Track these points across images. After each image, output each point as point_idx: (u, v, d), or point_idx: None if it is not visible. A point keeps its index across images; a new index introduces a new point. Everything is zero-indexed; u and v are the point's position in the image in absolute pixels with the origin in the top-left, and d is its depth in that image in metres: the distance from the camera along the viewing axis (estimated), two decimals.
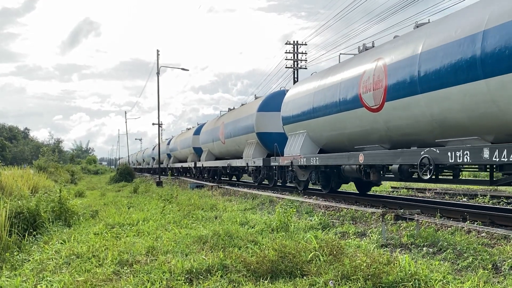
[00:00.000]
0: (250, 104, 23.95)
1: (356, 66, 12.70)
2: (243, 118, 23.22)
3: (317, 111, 14.64)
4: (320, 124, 14.55)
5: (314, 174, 15.59)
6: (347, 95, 12.66)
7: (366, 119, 11.87)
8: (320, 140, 15.15)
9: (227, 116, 27.25)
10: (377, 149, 12.01)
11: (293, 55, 40.73)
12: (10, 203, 9.98)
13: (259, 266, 5.46)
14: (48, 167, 31.52)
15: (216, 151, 28.90)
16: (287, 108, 17.37)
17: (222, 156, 28.27)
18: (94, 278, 5.42)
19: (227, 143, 25.95)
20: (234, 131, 24.50)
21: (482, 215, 9.35)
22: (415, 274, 4.93)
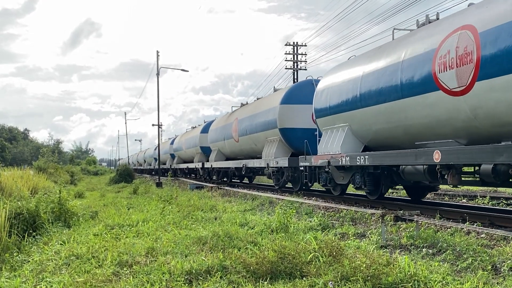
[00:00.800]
0: (270, 97, 21.06)
1: (425, 38, 10.22)
2: (262, 113, 20.46)
3: (365, 99, 12.11)
4: (369, 115, 12.03)
5: (358, 177, 12.99)
6: (414, 76, 10.18)
7: (442, 105, 9.46)
8: (366, 135, 12.69)
9: (241, 111, 24.56)
10: (451, 144, 9.62)
11: (293, 56, 40.75)
12: (10, 204, 9.99)
13: (258, 267, 5.46)
14: (47, 168, 31.51)
15: (228, 150, 26.37)
16: (322, 98, 14.62)
17: (234, 156, 25.77)
18: (94, 279, 5.42)
19: (242, 141, 23.42)
20: (250, 127, 21.82)
21: (481, 216, 9.35)
22: (415, 275, 4.93)
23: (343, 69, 14.21)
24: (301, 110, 17.90)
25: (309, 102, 16.48)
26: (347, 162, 12.75)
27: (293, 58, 40.73)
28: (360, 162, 12.16)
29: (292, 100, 18.32)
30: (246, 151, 23.44)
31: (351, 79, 13.05)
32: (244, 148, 23.54)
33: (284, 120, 18.28)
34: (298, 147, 17.61)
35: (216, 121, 30.30)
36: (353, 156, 12.48)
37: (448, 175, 9.58)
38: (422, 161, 10.03)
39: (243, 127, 22.92)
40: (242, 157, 24.42)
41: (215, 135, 28.65)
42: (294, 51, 40.83)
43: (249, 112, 22.61)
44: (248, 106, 24.28)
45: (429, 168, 10.19)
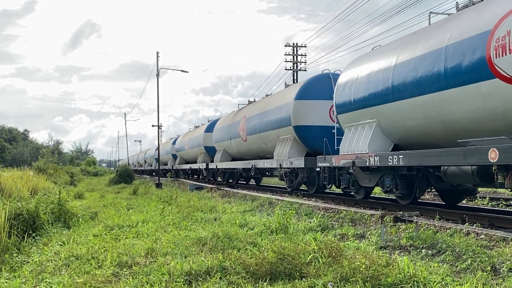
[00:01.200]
0: (283, 92, 19.44)
1: (476, 19, 8.92)
2: (274, 110, 18.88)
3: (398, 92, 10.76)
4: (403, 109, 10.70)
5: (388, 179, 11.56)
6: (462, 62, 8.87)
7: (498, 95, 8.21)
8: (397, 132, 11.38)
9: (250, 108, 23.01)
10: (504, 142, 8.27)
11: (293, 57, 40.76)
12: (10, 204, 10.00)
13: (258, 268, 5.46)
14: (47, 168, 31.52)
15: (234, 150, 24.86)
16: (345, 92, 13.14)
17: (241, 156, 24.33)
18: (93, 280, 5.43)
19: (250, 141, 21.96)
20: (260, 125, 20.31)
21: (481, 217, 9.36)
22: (414, 276, 4.94)
23: (369, 59, 12.73)
24: (317, 106, 16.46)
25: (326, 97, 15.67)
26: (376, 163, 11.29)
27: (292, 59, 40.75)
28: (393, 162, 10.69)
29: (307, 96, 16.79)
30: (254, 151, 22.05)
31: (381, 69, 11.60)
32: (252, 148, 22.09)
33: (299, 117, 16.78)
34: (313, 146, 16.40)
35: (222, 119, 28.81)
36: (384, 156, 11.07)
37: (507, 177, 8.14)
38: (473, 161, 8.61)
39: (252, 126, 21.38)
40: (249, 157, 22.94)
41: (220, 134, 27.20)
42: (293, 52, 40.85)
43: (259, 110, 21.05)
44: (257, 103, 22.75)
45: (479, 169, 8.87)
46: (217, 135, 27.99)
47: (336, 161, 13.43)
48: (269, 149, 19.74)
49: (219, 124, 28.26)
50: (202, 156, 32.13)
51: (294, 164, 16.60)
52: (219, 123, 28.57)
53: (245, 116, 22.78)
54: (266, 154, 20.45)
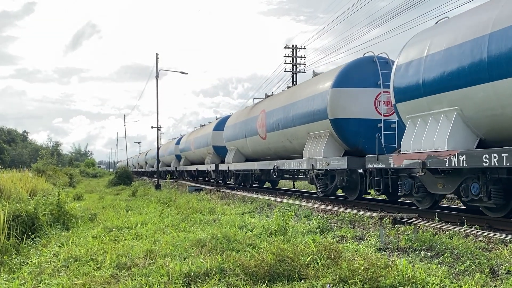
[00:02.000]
0: (315, 80, 16.23)
1: None
2: (303, 101, 16.04)
3: (499, 66, 8.19)
4: (507, 90, 8.15)
5: (476, 185, 9.09)
6: None
7: None
8: (488, 123, 8.94)
9: (270, 101, 20.16)
10: None
11: (292, 59, 40.79)
12: (9, 206, 10.01)
13: (257, 270, 5.47)
14: (46, 170, 31.53)
15: (249, 149, 22.19)
16: (409, 73, 10.54)
17: (257, 156, 21.80)
18: (92, 281, 5.43)
19: (270, 138, 19.05)
20: (285, 120, 17.40)
21: (480, 219, 9.36)
22: (413, 278, 4.95)
23: (444, 30, 10.09)
24: (360, 96, 13.78)
25: (371, 84, 13.61)
26: (462, 163, 8.78)
27: (292, 61, 40.78)
28: (491, 163, 8.15)
29: (348, 83, 13.95)
30: (275, 150, 19.28)
31: (467, 39, 9.02)
32: (273, 146, 19.25)
33: (337, 109, 13.93)
34: (354, 144, 13.95)
35: (234, 115, 26.14)
36: (475, 155, 8.54)
37: None
38: None
39: (273, 121, 18.52)
40: (268, 157, 20.34)
41: (233, 132, 24.40)
42: (293, 54, 40.88)
43: (283, 102, 18.12)
44: (278, 96, 19.94)
45: None
46: (228, 133, 25.32)
47: (395, 162, 10.81)
48: (294, 148, 17.22)
49: (231, 121, 25.52)
50: (210, 157, 29.42)
51: (332, 164, 13.76)
52: (231, 119, 25.83)
53: (264, 110, 19.86)
54: (290, 153, 17.84)
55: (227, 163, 24.84)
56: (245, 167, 22.35)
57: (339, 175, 13.98)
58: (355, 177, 13.72)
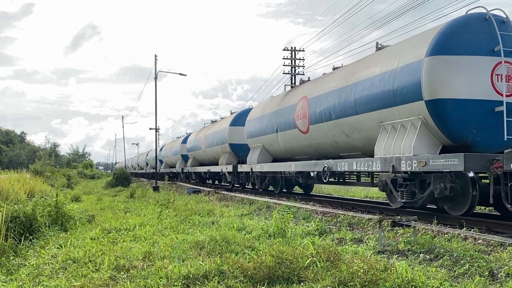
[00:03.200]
0: (393, 50, 11.75)
1: None
2: (373, 79, 11.70)
3: None
4: None
5: None
6: None
7: None
8: None
9: (314, 86, 15.74)
10: None
11: (291, 61, 40.86)
12: (7, 207, 9.97)
13: (256, 272, 5.45)
14: (44, 171, 31.49)
15: (281, 147, 17.93)
16: None
17: (290, 155, 17.57)
18: (91, 283, 5.41)
19: (316, 132, 14.71)
20: (341, 107, 13.03)
21: (478, 222, 9.36)
22: (412, 281, 4.94)
23: None
24: (471, 67, 9.79)
25: (484, 51, 9.78)
26: None
27: (291, 63, 40.84)
28: None
29: (453, 49, 9.84)
30: (321, 146, 14.97)
31: None
32: (318, 142, 14.90)
33: (438, 86, 9.80)
34: (461, 136, 9.80)
35: (259, 107, 21.80)
36: None
37: None
38: None
39: (321, 110, 14.14)
40: (306, 156, 16.35)
41: (258, 126, 20.20)
42: (291, 56, 40.95)
43: (336, 84, 13.70)
44: (328, 77, 14.95)
45: None
46: (252, 128, 21.04)
47: None
48: (352, 144, 13.14)
49: (256, 113, 21.24)
50: (226, 156, 25.14)
51: (432, 165, 9.58)
52: (256, 111, 21.55)
53: (306, 97, 15.60)
54: (342, 151, 13.91)
55: (250, 164, 20.49)
56: (277, 168, 17.86)
57: (438, 180, 9.97)
58: (462, 184, 9.81)
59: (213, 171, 27.33)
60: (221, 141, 25.72)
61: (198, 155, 32.04)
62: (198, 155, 31.97)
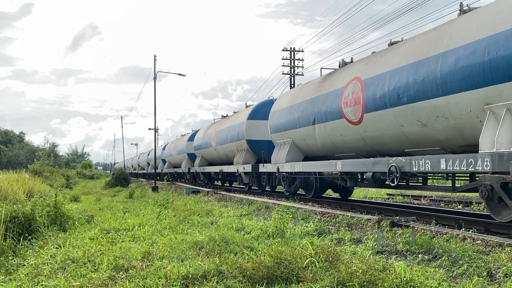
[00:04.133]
0: None
1: None
2: (476, 44, 8.67)
3: None
4: None
5: None
6: None
7: None
8: None
9: (370, 62, 12.14)
10: None
11: (290, 61, 40.87)
12: (5, 207, 9.97)
13: (255, 272, 5.46)
14: (43, 171, 31.49)
15: (317, 142, 14.68)
16: None
17: (330, 152, 14.34)
18: (90, 283, 5.41)
19: (375, 122, 11.51)
20: (418, 86, 9.94)
21: (477, 222, 9.38)
22: (411, 281, 4.95)
23: None
24: None
25: None
26: None
27: (290, 64, 40.85)
28: None
29: None
30: (373, 140, 11.99)
31: None
32: (373, 135, 11.83)
33: None
34: None
35: (288, 95, 17.89)
36: None
37: None
38: None
39: (384, 93, 10.92)
40: (351, 154, 13.25)
41: (286, 119, 16.70)
42: (291, 57, 40.96)
43: (407, 59, 10.39)
44: (390, 52, 11.54)
45: None
46: (278, 121, 17.40)
47: None
48: (428, 136, 10.18)
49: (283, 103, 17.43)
50: (242, 155, 21.96)
51: None
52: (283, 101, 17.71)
53: (358, 78, 12.13)
54: (407, 146, 10.96)
55: (276, 163, 17.17)
56: (315, 168, 14.71)
57: None
58: None
59: (226, 171, 24.26)
60: (237, 137, 22.42)
61: (208, 154, 28.85)
62: (208, 153, 28.77)
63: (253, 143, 21.12)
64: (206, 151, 28.98)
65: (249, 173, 21.00)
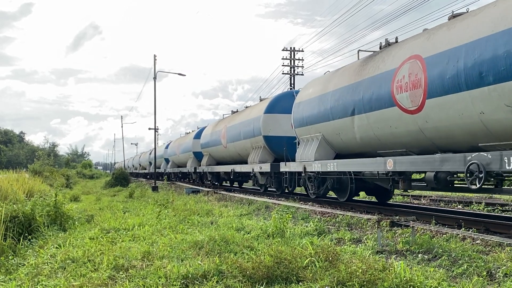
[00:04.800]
0: None
1: None
2: None
3: None
4: None
5: None
6: None
7: None
8: None
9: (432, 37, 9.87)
10: None
11: (290, 61, 40.88)
12: (5, 207, 9.96)
13: (255, 272, 5.46)
14: (43, 171, 31.48)
15: (356, 136, 12.29)
16: None
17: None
18: (90, 283, 5.42)
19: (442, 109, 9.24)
20: None
21: (477, 222, 9.39)
22: (410, 281, 4.96)
23: None
24: None
25: None
26: None
27: (290, 63, 40.86)
28: None
29: None
30: (436, 133, 9.74)
31: None
32: (437, 126, 9.57)
33: None
34: None
35: (316, 83, 15.09)
36: None
37: None
38: None
39: (456, 72, 8.81)
40: (398, 150, 11.08)
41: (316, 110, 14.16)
42: (291, 56, 40.97)
43: (492, 28, 8.18)
44: (458, 23, 9.32)
45: None
46: (305, 113, 14.95)
47: None
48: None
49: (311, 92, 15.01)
50: (257, 153, 19.48)
51: None
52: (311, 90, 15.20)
53: (418, 56, 10.03)
54: (483, 140, 8.82)
55: (302, 161, 14.80)
56: (355, 167, 12.33)
57: None
58: None
59: (239, 171, 22.02)
60: (252, 134, 20.01)
61: (216, 152, 26.34)
62: (217, 152, 26.27)
63: (271, 139, 18.79)
64: (214, 149, 26.62)
65: (266, 173, 18.92)
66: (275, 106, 18.99)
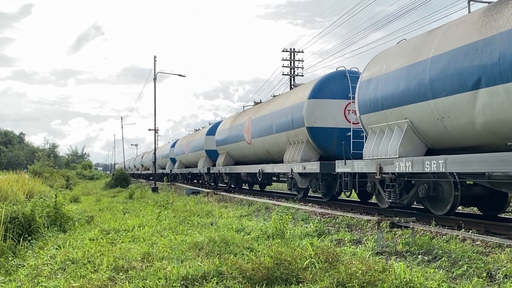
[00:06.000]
0: None
1: None
2: None
3: None
4: None
5: None
6: None
7: None
8: None
9: None
10: None
11: (290, 62, 40.89)
12: (5, 208, 9.97)
13: (254, 273, 5.46)
14: (43, 172, 31.46)
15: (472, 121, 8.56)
16: None
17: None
18: (90, 284, 5.41)
19: None
20: None
21: (477, 223, 9.38)
22: (410, 282, 4.95)
23: None
24: None
25: None
26: None
27: (290, 64, 40.87)
28: None
29: None
30: None
31: None
32: None
33: None
34: None
35: (402, 47, 11.04)
36: None
37: None
38: None
39: None
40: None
41: (402, 85, 10.21)
42: (291, 57, 40.98)
43: None
44: None
45: None
46: (385, 86, 10.82)
47: None
48: None
49: (394, 63, 10.68)
50: (299, 149, 15.55)
51: None
52: (400, 52, 10.82)
53: None
54: None
55: (375, 158, 11.13)
56: (480, 166, 8.28)
57: None
58: None
59: (270, 171, 18.02)
60: (290, 125, 16.12)
61: (237, 150, 22.52)
62: (237, 149, 22.44)
63: (317, 131, 14.80)
64: (234, 147, 22.68)
65: (310, 175, 15.18)
66: (322, 89, 14.96)
